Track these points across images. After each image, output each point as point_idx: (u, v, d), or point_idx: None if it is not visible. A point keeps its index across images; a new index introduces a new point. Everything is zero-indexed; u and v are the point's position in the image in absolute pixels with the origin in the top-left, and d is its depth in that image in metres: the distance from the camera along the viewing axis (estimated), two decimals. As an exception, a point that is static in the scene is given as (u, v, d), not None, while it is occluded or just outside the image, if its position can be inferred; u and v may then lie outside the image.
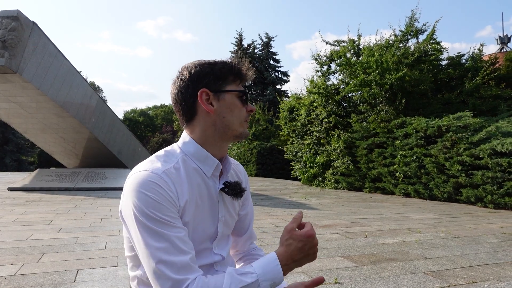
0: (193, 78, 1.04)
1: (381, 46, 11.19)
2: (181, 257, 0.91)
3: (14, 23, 7.83)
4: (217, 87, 1.04)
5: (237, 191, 1.11)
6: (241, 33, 35.93)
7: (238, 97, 1.06)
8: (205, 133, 1.06)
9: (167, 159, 1.03)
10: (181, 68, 1.09)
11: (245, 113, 1.08)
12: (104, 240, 4.38)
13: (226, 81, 1.05)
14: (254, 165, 19.15)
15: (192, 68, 1.05)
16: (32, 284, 2.83)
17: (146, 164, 1.01)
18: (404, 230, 5.24)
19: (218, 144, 1.08)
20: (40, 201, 7.80)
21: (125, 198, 0.97)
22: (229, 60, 1.07)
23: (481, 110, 10.21)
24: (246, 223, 1.29)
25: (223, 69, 1.05)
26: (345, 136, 11.56)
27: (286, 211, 7.02)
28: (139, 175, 0.97)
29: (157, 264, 0.90)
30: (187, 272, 0.91)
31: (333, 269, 3.31)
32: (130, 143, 13.91)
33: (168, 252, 0.90)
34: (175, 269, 0.90)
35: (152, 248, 0.91)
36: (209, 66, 1.05)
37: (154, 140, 44.68)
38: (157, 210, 0.92)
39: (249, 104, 1.10)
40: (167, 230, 0.92)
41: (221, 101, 1.04)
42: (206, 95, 1.03)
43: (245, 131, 1.09)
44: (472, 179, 8.08)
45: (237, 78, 1.07)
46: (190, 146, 1.06)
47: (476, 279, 3.09)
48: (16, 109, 9.92)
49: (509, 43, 20.69)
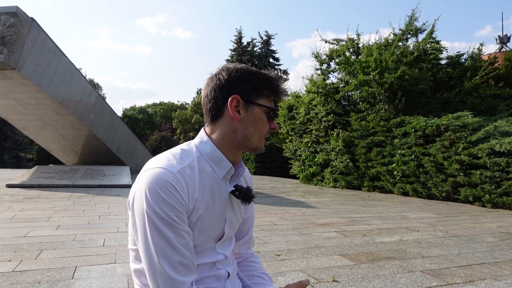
0: (231, 81, 1.04)
1: (380, 45, 11.19)
2: (180, 258, 0.94)
3: (13, 19, 7.81)
4: (250, 97, 1.04)
5: (248, 197, 1.12)
6: (241, 31, 35.98)
7: (265, 112, 1.07)
8: (225, 137, 1.06)
9: (183, 157, 1.04)
10: (221, 67, 1.09)
11: (268, 130, 1.09)
12: (103, 237, 4.38)
13: (261, 95, 1.06)
14: (253, 163, 19.16)
15: (233, 71, 1.05)
16: (30, 281, 2.83)
17: (162, 160, 1.01)
18: (402, 229, 5.25)
19: (233, 151, 1.09)
20: (38, 198, 7.80)
21: (138, 192, 0.98)
22: (271, 74, 1.07)
23: (480, 110, 10.22)
24: (247, 227, 1.30)
25: (262, 82, 1.05)
26: (344, 135, 11.57)
27: (284, 209, 7.03)
28: (155, 171, 0.97)
29: (158, 259, 0.92)
30: (185, 273, 0.94)
31: (331, 267, 3.32)
32: (129, 141, 13.90)
33: (169, 251, 0.93)
34: (174, 267, 0.92)
35: (155, 245, 0.93)
36: (249, 75, 1.05)
37: (153, 137, 44.62)
38: (167, 209, 0.93)
39: (274, 122, 1.11)
40: (173, 231, 0.94)
41: (249, 112, 1.05)
42: (237, 102, 1.04)
43: (261, 147, 1.10)
44: (470, 178, 8.10)
45: (272, 94, 1.07)
46: (207, 146, 1.07)
47: (474, 278, 3.10)
48: (14, 106, 9.90)
49: (508, 43, 20.71)
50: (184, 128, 47.03)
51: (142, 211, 0.95)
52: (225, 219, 1.09)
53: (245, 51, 35.39)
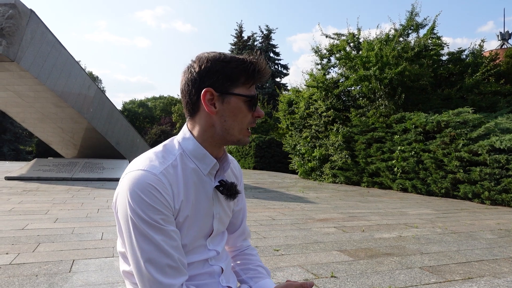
0: (202, 74, 0.98)
1: (380, 40, 11.14)
2: (168, 260, 0.91)
3: (12, 11, 7.74)
4: (224, 88, 0.98)
5: (232, 192, 1.08)
6: (241, 25, 35.86)
7: (245, 101, 1.00)
8: (205, 133, 1.02)
9: (166, 155, 1.00)
10: (195, 58, 1.02)
11: (251, 119, 1.03)
12: (101, 230, 4.38)
13: (236, 83, 0.98)
14: (253, 158, 19.14)
15: (203, 62, 0.98)
16: (27, 274, 2.82)
17: (144, 162, 0.97)
18: (401, 225, 5.25)
19: (216, 145, 1.05)
20: (37, 191, 7.78)
21: (120, 196, 0.95)
22: (246, 59, 0.99)
23: (480, 106, 10.20)
24: (239, 219, 1.27)
25: (236, 69, 0.97)
26: (344, 130, 11.55)
27: (283, 204, 7.03)
28: (135, 174, 0.94)
29: (145, 264, 0.90)
30: (174, 276, 0.92)
31: (330, 263, 3.31)
32: (128, 134, 13.87)
33: (156, 254, 0.90)
34: (162, 271, 0.90)
35: (141, 250, 0.91)
36: (221, 64, 0.97)
37: (152, 131, 44.63)
38: (150, 213, 0.91)
39: (257, 109, 1.03)
40: (158, 234, 0.91)
41: (225, 104, 0.98)
42: (211, 95, 0.98)
43: (244, 139, 1.04)
44: (470, 175, 8.09)
45: (250, 80, 0.99)
46: (190, 143, 1.03)
47: (472, 275, 3.09)
48: (13, 98, 9.85)
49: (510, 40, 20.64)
50: (184, 122, 46.98)
51: (126, 216, 0.92)
52: (212, 215, 1.07)
53: (245, 46, 35.24)
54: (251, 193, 8.65)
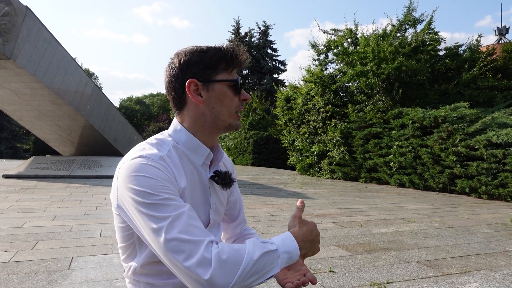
0: (182, 67, 1.00)
1: (377, 36, 11.13)
2: (192, 226, 0.87)
3: (7, 8, 7.69)
4: (206, 76, 1.00)
5: (226, 181, 1.10)
6: (239, 21, 35.67)
7: (229, 86, 1.02)
8: (196, 123, 1.03)
9: (159, 146, 1.00)
10: (173, 55, 1.04)
11: (238, 102, 1.04)
12: (99, 227, 4.38)
13: (217, 70, 1.01)
14: (251, 155, 19.14)
15: (182, 56, 1.01)
16: (26, 271, 2.83)
17: (139, 151, 0.96)
18: (398, 220, 5.27)
19: (209, 134, 1.05)
20: (35, 189, 7.77)
21: (121, 187, 0.92)
22: (223, 46, 1.01)
23: (477, 101, 10.22)
24: (237, 210, 1.29)
25: (214, 57, 1.00)
26: (342, 126, 11.56)
27: (282, 200, 7.04)
28: (133, 162, 0.93)
29: (171, 239, 0.84)
30: (203, 234, 0.87)
31: (328, 258, 3.33)
32: (126, 131, 13.84)
33: (177, 226, 0.85)
34: (189, 234, 0.85)
35: (160, 227, 0.86)
36: (199, 54, 1.00)
37: (150, 128, 44.52)
38: (158, 189, 0.88)
39: (243, 93, 1.05)
40: (170, 207, 0.87)
41: (211, 92, 1.00)
42: (195, 86, 1.00)
43: (235, 123, 1.05)
44: (467, 170, 8.13)
45: (230, 65, 1.02)
46: (182, 134, 1.04)
47: (469, 269, 3.11)
48: (10, 96, 9.81)
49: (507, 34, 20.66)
50: (182, 119, 46.87)
51: (132, 201, 0.89)
52: (209, 205, 1.07)
53: (243, 42, 35.16)
54: (249, 190, 8.66)
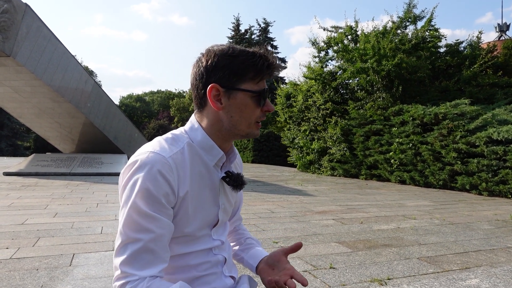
0: (208, 69, 0.97)
1: (377, 33, 11.11)
2: (148, 255, 0.91)
3: (7, 5, 7.67)
4: (230, 83, 0.96)
5: (238, 183, 1.09)
6: (239, 18, 35.70)
7: (252, 97, 0.98)
8: (213, 126, 1.02)
9: (174, 142, 1.01)
10: (205, 51, 1.01)
11: (259, 113, 1.01)
12: (100, 224, 4.39)
13: (244, 78, 0.96)
14: (251, 152, 19.16)
15: (210, 57, 0.97)
16: (27, 268, 2.84)
17: (154, 145, 0.98)
18: (399, 217, 5.28)
19: (225, 139, 1.05)
20: (35, 186, 7.78)
21: (128, 176, 0.95)
22: (256, 53, 0.96)
23: (478, 98, 10.21)
24: (236, 207, 1.30)
25: (243, 64, 0.95)
26: (342, 123, 11.56)
27: (282, 197, 7.05)
28: (146, 156, 0.94)
29: (128, 238, 0.91)
30: (144, 267, 0.90)
31: (328, 255, 3.34)
32: (126, 129, 13.85)
33: (130, 249, 0.90)
34: (136, 258, 0.90)
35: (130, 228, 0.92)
36: (229, 58, 0.95)
37: (150, 126, 44.55)
38: (151, 201, 0.91)
39: (267, 103, 1.01)
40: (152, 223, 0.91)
41: (232, 100, 0.97)
42: (216, 91, 0.97)
43: (253, 132, 1.02)
44: (468, 166, 8.13)
45: (258, 75, 0.97)
46: (198, 134, 1.03)
47: (470, 265, 3.12)
48: (10, 93, 9.81)
49: (508, 31, 20.61)
50: (182, 116, 46.86)
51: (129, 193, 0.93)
52: (218, 205, 1.08)
53: (243, 39, 35.09)
54: (250, 187, 8.67)
